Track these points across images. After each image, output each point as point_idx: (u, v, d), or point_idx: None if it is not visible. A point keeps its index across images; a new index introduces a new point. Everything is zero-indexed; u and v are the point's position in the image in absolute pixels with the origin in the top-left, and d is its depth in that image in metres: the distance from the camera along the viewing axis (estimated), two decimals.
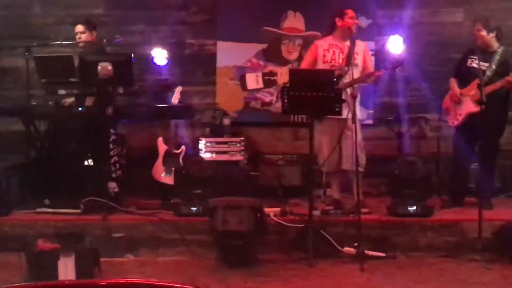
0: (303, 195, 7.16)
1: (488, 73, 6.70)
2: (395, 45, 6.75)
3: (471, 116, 6.73)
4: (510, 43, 7.04)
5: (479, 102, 6.20)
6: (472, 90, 6.71)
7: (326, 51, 6.76)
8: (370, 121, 8.06)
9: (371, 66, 6.78)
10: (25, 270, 5.55)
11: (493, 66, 6.74)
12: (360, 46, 6.77)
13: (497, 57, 6.76)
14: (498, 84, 6.62)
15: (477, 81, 6.41)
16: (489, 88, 6.47)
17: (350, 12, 6.71)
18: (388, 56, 6.92)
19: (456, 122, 6.95)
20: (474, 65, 6.78)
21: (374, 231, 6.23)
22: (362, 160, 6.58)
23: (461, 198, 7.06)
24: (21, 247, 6.03)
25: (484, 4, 8.07)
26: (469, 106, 6.76)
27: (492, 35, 6.79)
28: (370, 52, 7.13)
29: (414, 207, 6.39)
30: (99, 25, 7.77)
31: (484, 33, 6.77)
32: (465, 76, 6.89)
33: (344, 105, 6.13)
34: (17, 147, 7.40)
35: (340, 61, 6.69)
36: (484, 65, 6.71)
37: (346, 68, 6.52)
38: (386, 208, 6.58)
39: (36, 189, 6.94)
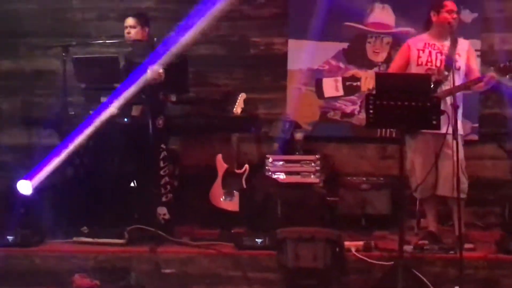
0: (391, 226, 7.14)
1: None
2: None
3: None
4: None
5: None
6: None
7: (421, 52, 6.72)
8: (474, 137, 7.96)
9: (476, 70, 6.70)
10: None
11: None
12: (463, 45, 6.71)
13: None
14: None
15: None
16: None
17: (448, 5, 6.65)
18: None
19: None
20: None
21: (479, 271, 6.13)
22: (464, 184, 6.50)
23: None
24: (55, 283, 6.18)
25: None
26: None
27: None
28: (476, 53, 7.04)
29: None
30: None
31: None
32: None
33: (443, 117, 6.01)
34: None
35: (439, 63, 6.63)
36: None
37: (446, 73, 6.47)
38: (495, 243, 6.48)
39: (73, 214, 7.04)
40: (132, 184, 7.22)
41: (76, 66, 7.13)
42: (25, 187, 6.80)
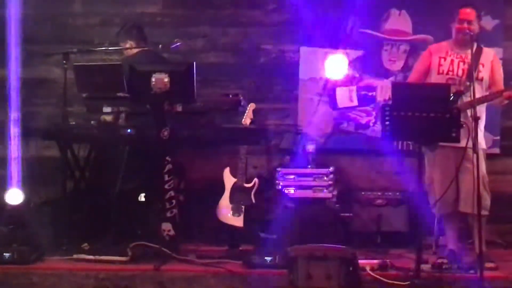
0: (408, 244, 7.12)
1: None
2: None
3: None
4: None
5: None
6: None
7: (443, 60, 6.74)
8: (496, 150, 7.95)
9: (500, 81, 6.69)
10: None
11: None
12: (488, 55, 6.72)
13: None
14: None
15: None
16: None
17: (461, 13, 6.68)
18: None
19: None
20: None
21: None
22: (486, 200, 6.49)
23: None
24: None
25: None
26: None
27: None
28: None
29: None
30: (154, 26, 8.03)
31: None
32: None
33: (463, 130, 6.05)
34: (51, 178, 7.55)
35: (460, 73, 6.65)
36: None
37: (468, 83, 6.46)
38: None
39: (73, 230, 7.06)
40: (139, 199, 7.23)
41: (77, 74, 7.15)
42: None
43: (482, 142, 6.54)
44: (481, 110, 6.52)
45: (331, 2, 8.20)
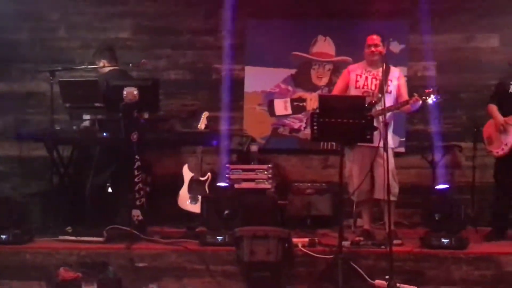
0: (332, 225, 7.16)
1: None
2: None
3: None
4: None
5: None
6: None
7: (359, 76, 6.77)
8: (402, 149, 8.00)
9: (405, 94, 6.73)
10: None
11: None
12: (394, 72, 6.77)
13: None
14: None
15: None
16: None
17: (368, 39, 6.74)
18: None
19: (501, 152, 6.83)
20: None
21: (406, 263, 6.16)
22: (394, 189, 6.54)
23: (504, 231, 6.94)
24: (43, 276, 6.10)
25: None
26: None
27: None
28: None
29: (448, 239, 6.30)
30: (125, 49, 7.97)
31: None
32: (507, 103, 6.83)
33: (376, 132, 6.08)
34: (40, 173, 7.46)
35: (373, 87, 6.69)
36: None
37: (380, 95, 6.49)
38: (419, 239, 6.51)
39: (59, 216, 6.98)
40: (110, 190, 7.15)
41: (62, 88, 7.03)
42: None
43: (391, 142, 6.61)
44: (390, 117, 6.58)
45: (270, 30, 8.21)
